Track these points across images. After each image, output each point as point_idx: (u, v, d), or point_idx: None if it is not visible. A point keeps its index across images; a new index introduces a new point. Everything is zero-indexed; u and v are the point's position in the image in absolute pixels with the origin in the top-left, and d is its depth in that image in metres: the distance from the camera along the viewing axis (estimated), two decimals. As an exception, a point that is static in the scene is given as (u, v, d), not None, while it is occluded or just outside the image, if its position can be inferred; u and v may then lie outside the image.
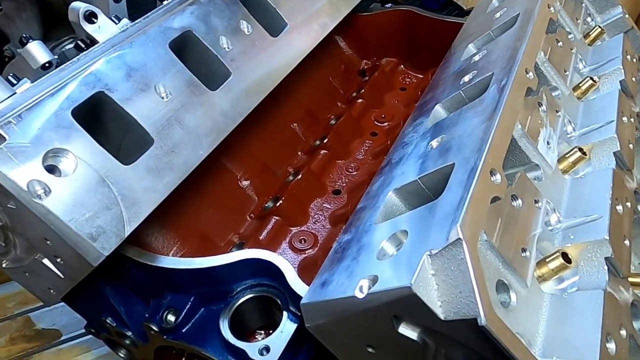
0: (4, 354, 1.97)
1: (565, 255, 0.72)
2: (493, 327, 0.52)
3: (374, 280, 0.61)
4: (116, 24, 1.06)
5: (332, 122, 1.47)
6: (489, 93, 0.82)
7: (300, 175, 1.25)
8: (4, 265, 1.01)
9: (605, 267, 0.72)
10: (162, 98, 0.99)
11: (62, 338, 1.97)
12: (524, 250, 0.71)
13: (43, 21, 2.32)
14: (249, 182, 1.24)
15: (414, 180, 0.77)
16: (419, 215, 0.66)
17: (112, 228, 0.83)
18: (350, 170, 1.34)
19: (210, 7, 1.15)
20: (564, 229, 0.81)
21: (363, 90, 1.55)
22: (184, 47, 1.10)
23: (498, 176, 0.63)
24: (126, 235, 0.85)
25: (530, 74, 0.83)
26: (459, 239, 0.54)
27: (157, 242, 1.04)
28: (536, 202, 0.78)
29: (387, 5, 1.72)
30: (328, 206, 1.25)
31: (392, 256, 0.63)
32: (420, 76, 1.67)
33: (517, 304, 0.66)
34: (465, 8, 3.09)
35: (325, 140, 1.36)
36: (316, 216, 1.22)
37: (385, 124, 1.49)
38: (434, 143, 0.83)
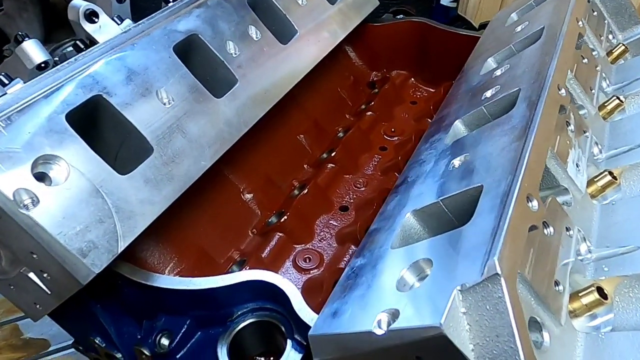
0: (-10, 363, 1.89)
1: (600, 290, 0.66)
2: (534, 377, 0.46)
3: (395, 315, 0.54)
4: (118, 24, 1.01)
5: (340, 134, 1.41)
6: (518, 110, 0.76)
7: (306, 190, 1.18)
8: (-13, 277, 0.94)
9: (645, 305, 0.65)
10: (164, 104, 0.93)
11: (51, 348, 1.89)
12: (557, 283, 0.65)
13: (45, 22, 2.28)
14: (252, 195, 1.18)
15: (435, 202, 0.71)
16: (445, 242, 0.59)
17: (104, 243, 0.77)
18: (358, 185, 1.28)
19: (218, 10, 1.10)
20: (595, 259, 0.74)
21: (372, 103, 1.49)
22: (189, 51, 1.04)
23: (535, 202, 0.57)
24: (119, 252, 0.78)
25: (563, 90, 0.77)
26: (497, 274, 0.47)
27: (152, 258, 0.97)
28: (568, 229, 0.72)
29: (399, 17, 1.68)
30: (335, 223, 1.18)
31: (415, 288, 0.57)
32: (432, 90, 1.61)
33: (551, 344, 0.59)
34: (473, 23, 3.06)
35: (332, 154, 1.30)
36: (322, 233, 1.16)
37: (395, 138, 1.43)
38: (456, 162, 0.77)
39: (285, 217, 1.12)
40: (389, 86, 1.57)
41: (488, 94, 0.93)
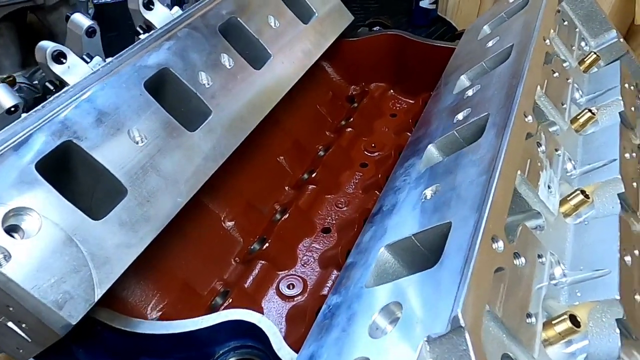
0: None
1: (573, 318, 0.66)
2: None
3: (366, 363, 0.54)
4: (88, 62, 1.00)
5: (321, 153, 1.41)
6: (486, 139, 0.76)
7: (287, 214, 1.18)
8: (-31, 324, 0.93)
9: (617, 331, 0.66)
10: (137, 143, 0.92)
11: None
12: (529, 315, 0.65)
13: (22, 45, 2.26)
14: (233, 222, 1.17)
15: (408, 237, 0.71)
16: (415, 284, 0.60)
17: (80, 293, 0.76)
18: (340, 205, 1.28)
19: (188, 41, 1.09)
20: (570, 283, 0.75)
21: (352, 118, 1.49)
22: (161, 86, 1.03)
23: (501, 243, 0.58)
24: (97, 300, 0.78)
25: (529, 117, 0.77)
26: (461, 327, 0.48)
27: (133, 297, 0.97)
28: (540, 256, 0.73)
29: (375, 29, 1.68)
30: (317, 246, 1.18)
31: (386, 334, 0.57)
32: (411, 101, 1.62)
33: (525, 379, 0.60)
34: (453, 23, 3.06)
35: (313, 174, 1.30)
36: (305, 258, 1.16)
37: (376, 153, 1.44)
38: (428, 192, 0.78)
39: (268, 243, 1.12)
40: (367, 100, 1.57)
41: (460, 116, 0.93)
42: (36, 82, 2.21)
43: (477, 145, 0.77)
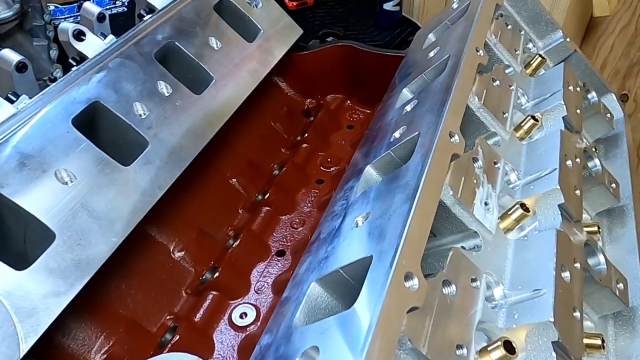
0: None
1: (507, 344, 0.64)
2: None
3: (282, 418, 0.52)
4: (14, 101, 0.96)
5: (276, 172, 1.38)
6: (413, 161, 0.74)
7: (239, 240, 1.15)
8: None
9: (553, 355, 0.64)
10: (65, 184, 0.89)
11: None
12: (460, 347, 0.63)
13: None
14: (183, 253, 1.14)
15: (337, 270, 0.69)
16: (332, 328, 0.57)
17: (3, 349, 0.73)
18: (295, 226, 1.26)
19: (121, 71, 1.06)
20: (509, 305, 0.73)
21: (307, 133, 1.47)
22: (93, 120, 1.00)
23: (415, 281, 0.55)
24: (22, 356, 0.74)
25: (456, 137, 0.75)
26: (363, 380, 0.45)
27: (74, 342, 0.93)
28: (473, 280, 0.70)
29: (328, 39, 1.66)
30: (272, 271, 1.16)
31: (303, 383, 0.54)
32: (368, 111, 1.60)
33: (455, 416, 0.58)
34: (419, 24, 3.06)
35: (267, 195, 1.28)
36: (258, 284, 1.13)
37: (332, 169, 1.41)
38: (360, 220, 0.75)
39: (218, 272, 1.09)
40: (324, 112, 1.55)
41: (397, 134, 0.91)
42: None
43: (406, 169, 0.75)
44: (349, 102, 1.63)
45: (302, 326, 0.66)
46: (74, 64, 1.11)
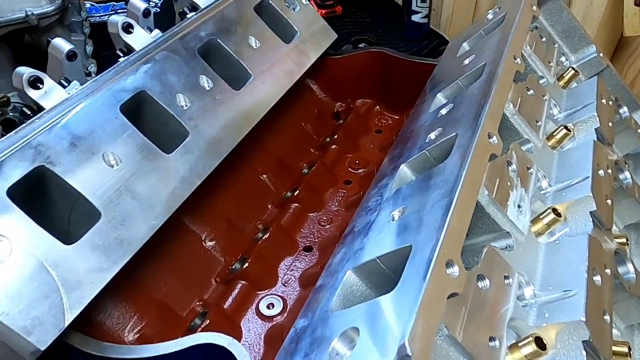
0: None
1: (539, 340, 0.66)
2: None
3: (322, 392, 0.54)
4: (65, 87, 1.01)
5: (305, 170, 1.41)
6: (451, 159, 0.76)
7: (268, 233, 1.18)
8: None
9: (583, 353, 0.66)
10: (112, 167, 0.93)
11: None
12: (492, 339, 0.65)
13: (17, 66, 2.29)
14: (214, 242, 1.18)
15: (374, 260, 0.71)
16: (372, 310, 0.60)
17: (50, 318, 0.76)
18: (322, 223, 1.28)
19: (167, 64, 1.10)
20: (539, 304, 0.74)
21: (337, 135, 1.50)
22: (138, 109, 1.04)
23: (455, 268, 0.57)
24: (66, 325, 0.77)
25: (494, 138, 0.77)
26: (407, 355, 0.48)
27: (109, 320, 0.97)
28: (506, 277, 0.72)
29: (360, 45, 1.69)
30: (299, 265, 1.18)
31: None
32: (397, 117, 1.62)
33: (487, 404, 0.59)
34: (447, 37, 3.09)
35: (296, 192, 1.31)
36: (286, 277, 1.16)
37: (360, 170, 1.44)
38: (396, 214, 0.78)
39: (248, 263, 1.12)
40: (353, 116, 1.58)
41: (432, 135, 0.94)
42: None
43: (443, 167, 0.77)
44: (378, 107, 1.66)
45: (338, 310, 0.68)
46: (121, 55, 1.16)
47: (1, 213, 0.78)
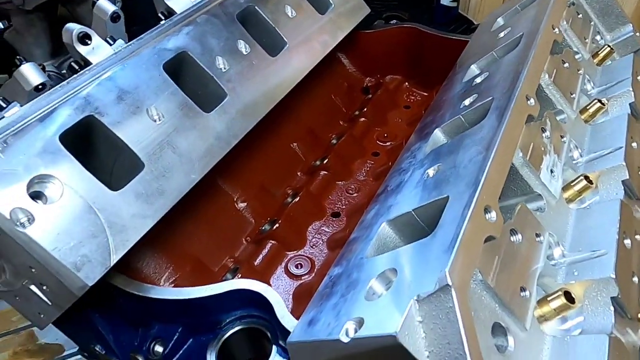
0: (7, 368, 1.96)
1: (567, 295, 0.68)
2: (484, 383, 0.49)
3: (360, 323, 0.57)
4: (111, 44, 1.05)
5: (334, 141, 1.44)
6: (488, 120, 0.78)
7: (298, 198, 1.22)
8: (-4, 288, 0.99)
9: (612, 308, 0.68)
10: (155, 121, 0.97)
11: (65, 353, 1.96)
12: (523, 289, 0.67)
13: (53, 36, 2.35)
14: (245, 204, 1.21)
15: (408, 212, 0.74)
16: (410, 252, 0.62)
17: (97, 257, 0.81)
18: (350, 192, 1.31)
19: (207, 27, 1.13)
20: (568, 263, 0.76)
21: (366, 109, 1.52)
22: (179, 69, 1.08)
23: (493, 214, 0.60)
24: (112, 264, 0.82)
25: (532, 100, 0.79)
26: (448, 285, 0.50)
27: (147, 268, 1.01)
28: (537, 235, 0.74)
29: (391, 22, 1.70)
30: (326, 229, 1.21)
31: (380, 297, 0.60)
32: (425, 94, 1.63)
33: (515, 348, 0.62)
34: (475, 22, 3.06)
35: (325, 161, 1.33)
36: (314, 240, 1.19)
37: (388, 143, 1.46)
38: (431, 171, 0.80)
39: (278, 224, 1.15)
40: (382, 91, 1.59)
41: (467, 102, 0.95)
42: (64, 71, 2.30)
43: (479, 127, 0.79)
44: (407, 84, 1.67)
45: (374, 256, 0.71)
46: (163, 18, 1.19)
47: (54, 157, 0.83)
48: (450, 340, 0.50)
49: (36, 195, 0.80)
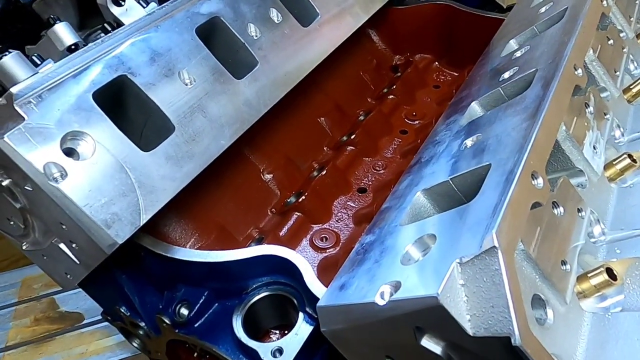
0: (28, 334, 2.01)
1: (610, 271, 0.66)
2: (528, 348, 0.47)
3: (397, 286, 0.56)
4: (144, 7, 1.04)
5: (361, 117, 1.42)
6: (532, 90, 0.75)
7: (324, 171, 1.20)
8: (24, 248, 1.00)
9: (655, 287, 0.65)
10: (186, 85, 0.96)
11: (85, 322, 2.00)
12: (564, 263, 0.65)
13: (80, 9, 2.35)
14: (271, 175, 1.20)
15: (445, 181, 0.72)
16: (449, 218, 0.60)
17: (127, 216, 0.81)
18: (377, 168, 1.29)
19: (240, -7, 1.12)
20: (609, 241, 0.74)
21: (395, 87, 1.49)
22: (211, 34, 1.06)
23: (540, 180, 0.57)
24: (142, 224, 0.82)
25: (580, 70, 0.76)
26: (494, 247, 0.48)
27: (174, 233, 1.01)
28: (579, 210, 0.72)
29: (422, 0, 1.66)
30: (352, 204, 1.20)
31: (418, 261, 0.58)
32: (456, 74, 1.60)
33: (555, 321, 0.60)
34: (504, 6, 2.98)
35: (352, 137, 1.31)
36: (339, 214, 1.18)
37: (416, 122, 1.43)
38: (469, 142, 0.78)
39: (304, 197, 1.14)
40: (411, 70, 1.56)
41: (506, 75, 0.92)
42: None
43: (522, 97, 0.76)
44: (437, 63, 1.64)
45: (409, 224, 0.69)
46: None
47: (87, 115, 0.82)
48: (495, 304, 0.48)
49: (69, 152, 0.80)
